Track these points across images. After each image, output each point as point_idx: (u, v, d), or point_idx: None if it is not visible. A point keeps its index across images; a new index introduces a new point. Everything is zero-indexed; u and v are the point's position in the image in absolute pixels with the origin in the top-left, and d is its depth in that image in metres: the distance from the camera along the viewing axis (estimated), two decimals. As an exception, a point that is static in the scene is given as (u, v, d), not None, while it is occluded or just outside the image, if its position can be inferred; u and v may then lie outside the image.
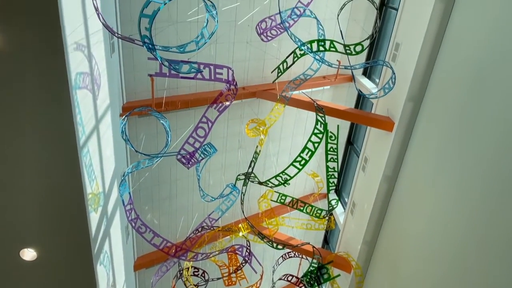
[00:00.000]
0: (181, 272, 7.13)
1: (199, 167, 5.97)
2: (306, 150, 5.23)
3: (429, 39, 5.78)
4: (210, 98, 6.87)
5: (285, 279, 7.57)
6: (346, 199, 10.11)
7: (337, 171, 6.35)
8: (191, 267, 7.20)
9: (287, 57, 6.45)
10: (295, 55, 6.32)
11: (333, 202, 7.15)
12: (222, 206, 6.94)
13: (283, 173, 5.57)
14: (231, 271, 7.35)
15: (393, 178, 6.92)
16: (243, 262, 6.83)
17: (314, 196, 10.10)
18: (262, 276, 7.45)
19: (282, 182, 5.59)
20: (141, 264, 8.54)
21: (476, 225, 4.55)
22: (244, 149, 9.08)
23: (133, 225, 5.38)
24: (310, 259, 7.46)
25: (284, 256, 8.06)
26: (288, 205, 7.76)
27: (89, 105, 4.82)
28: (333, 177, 6.35)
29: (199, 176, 6.02)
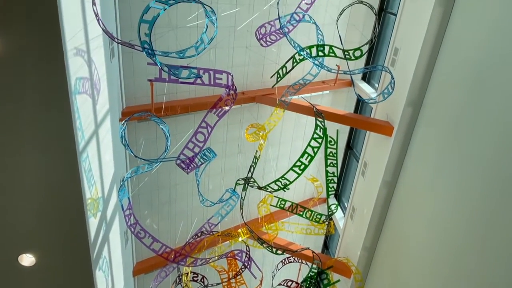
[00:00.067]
0: (180, 278, 7.11)
1: (199, 172, 5.96)
2: (306, 155, 5.23)
3: (428, 44, 5.81)
4: (210, 103, 6.87)
5: (285, 285, 7.54)
6: (346, 204, 10.10)
7: (337, 176, 6.34)
8: (191, 273, 7.17)
9: (286, 62, 6.47)
10: (294, 60, 6.34)
11: (333, 207, 7.14)
12: (222, 211, 6.92)
13: (283, 178, 5.56)
14: (231, 277, 7.33)
15: (393, 183, 6.91)
16: (243, 268, 6.81)
17: (314, 201, 10.08)
18: (262, 282, 7.42)
19: (282, 187, 5.58)
20: (140, 270, 8.50)
21: (476, 230, 4.54)
22: (244, 154, 9.08)
23: (132, 230, 5.37)
24: (310, 264, 7.43)
25: (284, 261, 8.04)
26: (288, 210, 7.75)
27: (89, 110, 4.82)
28: (333, 182, 6.34)
29: (199, 181, 6.01)
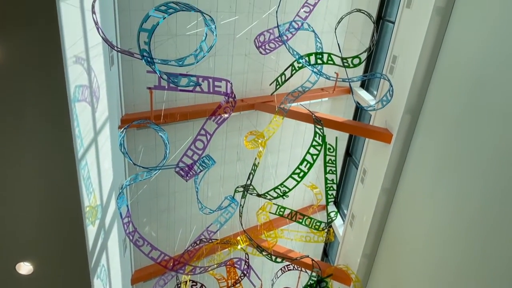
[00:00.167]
0: (179, 286, 7.04)
1: (198, 179, 5.95)
2: (305, 162, 5.22)
3: (426, 52, 5.84)
4: (209, 110, 6.88)
5: (284, 293, 7.49)
6: (345, 211, 10.07)
7: (336, 183, 6.33)
8: (189, 281, 7.11)
9: (285, 70, 6.50)
10: (293, 68, 6.36)
11: (332, 214, 7.12)
12: (221, 219, 6.90)
13: (282, 185, 5.55)
14: (230, 285, 7.27)
15: (392, 190, 6.90)
16: (242, 276, 6.76)
17: (313, 208, 10.05)
18: (261, 290, 7.37)
19: (281, 195, 5.57)
20: (139, 278, 8.44)
21: (476, 236, 4.53)
22: (243, 161, 9.07)
23: (131, 238, 5.34)
24: (309, 272, 7.39)
25: (283, 269, 7.99)
26: (287, 217, 7.73)
27: (88, 118, 4.82)
28: (332, 189, 6.33)
29: (198, 188, 6.00)
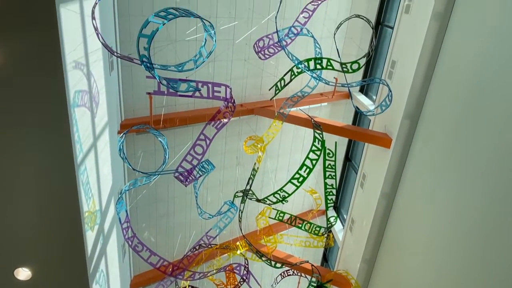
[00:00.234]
0: (178, 291, 7.02)
1: (197, 184, 5.94)
2: (304, 167, 5.22)
3: (425, 57, 5.86)
4: (208, 115, 6.91)
5: (284, 298, 7.46)
6: (345, 216, 10.05)
7: (336, 188, 6.33)
8: (189, 286, 7.08)
9: (285, 75, 6.51)
10: (293, 73, 6.38)
11: (332, 219, 7.11)
12: (220, 224, 6.88)
13: (281, 191, 5.54)
14: (229, 290, 7.24)
15: (392, 195, 6.90)
16: (241, 281, 6.74)
17: (313, 213, 10.05)
18: (261, 295, 7.34)
19: (280, 200, 5.56)
20: (138, 283, 8.40)
21: (476, 241, 4.53)
22: (242, 166, 9.07)
23: (130, 244, 5.33)
24: (309, 278, 7.36)
25: (283, 274, 7.96)
26: (287, 222, 7.71)
27: (87, 123, 4.83)
28: (332, 194, 6.33)
29: (197, 193, 5.99)
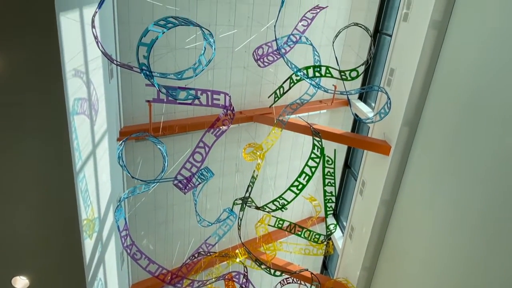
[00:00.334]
0: (177, 300, 6.96)
1: (196, 192, 5.93)
2: (303, 175, 5.22)
3: (423, 64, 5.90)
4: (208, 122, 6.91)
5: (284, 307, 7.40)
6: (345, 223, 10.02)
7: (335, 195, 6.33)
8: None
9: (284, 83, 6.55)
10: (292, 81, 6.41)
11: (331, 227, 7.10)
12: (219, 231, 6.86)
13: (281, 198, 5.54)
14: (228, 299, 7.18)
15: (391, 202, 6.89)
16: (240, 289, 6.69)
17: (312, 220, 10.02)
18: (260, 304, 7.28)
19: (280, 207, 5.55)
20: (136, 292, 8.35)
21: (476, 247, 4.51)
22: (242, 173, 9.06)
23: (128, 252, 5.30)
24: (309, 286, 7.32)
25: (282, 283, 7.90)
26: (286, 230, 7.69)
27: (86, 131, 4.83)
28: (331, 201, 6.32)
29: (196, 201, 5.98)
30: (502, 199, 4.16)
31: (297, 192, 5.31)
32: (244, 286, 6.49)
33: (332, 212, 6.45)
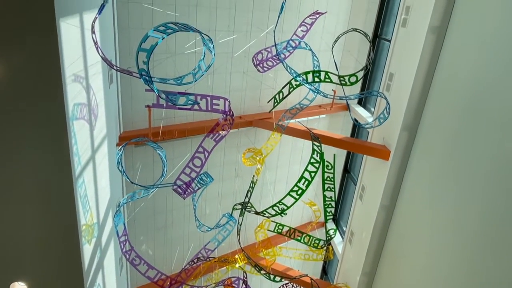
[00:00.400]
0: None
1: (195, 197, 5.92)
2: (303, 180, 5.22)
3: (422, 69, 5.91)
4: (207, 127, 6.92)
5: (283, 312, 7.35)
6: (344, 228, 10.00)
7: (334, 200, 6.31)
8: (187, 300, 7.00)
9: (283, 88, 6.56)
10: (291, 86, 6.42)
11: (331, 232, 7.08)
12: (219, 236, 6.84)
13: (280, 203, 5.53)
14: (228, 304, 7.14)
15: (391, 207, 6.88)
16: (240, 295, 6.66)
17: (312, 225, 9.99)
18: (260, 309, 7.24)
19: (279, 212, 5.54)
20: (135, 297, 8.31)
21: (477, 252, 4.50)
22: (241, 178, 9.06)
23: (127, 257, 5.29)
24: (309, 291, 7.28)
25: (282, 288, 7.88)
26: (286, 235, 7.66)
27: (86, 136, 4.83)
28: (331, 207, 6.31)
29: (195, 206, 5.97)
30: (503, 203, 4.15)
31: (297, 197, 5.30)
32: (244, 292, 6.46)
33: (332, 217, 6.44)
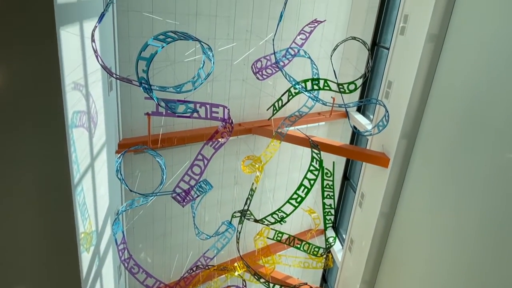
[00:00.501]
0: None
1: (195, 204, 5.90)
2: (302, 187, 5.21)
3: (421, 77, 5.94)
4: (207, 135, 6.93)
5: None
6: (344, 236, 9.96)
7: (334, 208, 6.30)
8: (185, 309, 6.94)
9: (282, 95, 6.58)
10: (290, 94, 6.44)
11: (331, 240, 7.05)
12: (218, 244, 6.80)
13: (279, 211, 5.51)
14: (227, 313, 7.09)
15: (391, 214, 6.86)
16: (239, 303, 6.61)
17: (311, 233, 9.95)
18: (259, 318, 7.18)
19: (279, 220, 5.52)
20: (133, 306, 8.24)
21: (476, 259, 4.49)
22: (240, 185, 9.03)
23: (126, 266, 5.25)
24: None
25: (281, 296, 7.81)
26: (285, 243, 7.62)
27: (85, 143, 4.83)
28: (330, 214, 6.29)
29: (195, 213, 5.95)
30: (502, 210, 4.15)
31: (296, 205, 5.29)
32: (243, 300, 6.41)
33: (331, 225, 6.41)
